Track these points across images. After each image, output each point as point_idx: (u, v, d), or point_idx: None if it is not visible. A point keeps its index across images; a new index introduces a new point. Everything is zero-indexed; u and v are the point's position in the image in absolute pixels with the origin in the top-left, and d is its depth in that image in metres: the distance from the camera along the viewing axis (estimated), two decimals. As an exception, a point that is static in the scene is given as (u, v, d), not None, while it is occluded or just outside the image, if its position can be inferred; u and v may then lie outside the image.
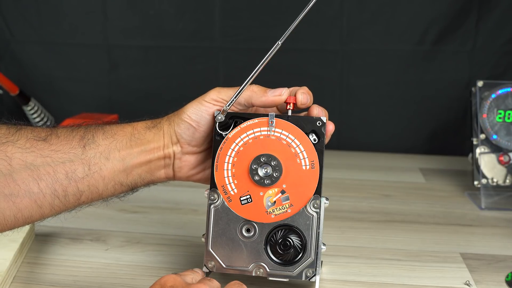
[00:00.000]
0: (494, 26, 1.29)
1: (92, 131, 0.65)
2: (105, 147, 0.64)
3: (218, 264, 0.64)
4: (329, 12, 1.32)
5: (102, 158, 0.63)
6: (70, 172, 0.62)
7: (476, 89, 1.02)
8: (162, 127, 0.67)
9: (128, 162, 0.65)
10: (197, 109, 0.66)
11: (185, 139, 0.66)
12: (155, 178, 0.68)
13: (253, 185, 0.63)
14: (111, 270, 0.72)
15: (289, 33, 0.64)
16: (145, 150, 0.66)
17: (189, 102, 0.67)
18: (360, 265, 0.75)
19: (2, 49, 1.42)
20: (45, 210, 0.62)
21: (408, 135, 1.38)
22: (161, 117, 0.69)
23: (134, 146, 0.65)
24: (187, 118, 0.66)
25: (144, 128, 0.67)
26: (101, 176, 0.64)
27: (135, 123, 0.68)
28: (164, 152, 0.66)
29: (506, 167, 1.01)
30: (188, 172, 0.68)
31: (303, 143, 0.63)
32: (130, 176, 0.66)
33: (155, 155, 0.66)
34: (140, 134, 0.66)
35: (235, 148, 0.64)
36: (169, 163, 0.67)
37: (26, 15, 1.39)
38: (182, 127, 0.66)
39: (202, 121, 0.66)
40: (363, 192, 1.07)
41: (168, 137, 0.66)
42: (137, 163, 0.65)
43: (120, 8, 1.36)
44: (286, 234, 0.63)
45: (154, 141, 0.66)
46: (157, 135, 0.66)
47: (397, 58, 1.34)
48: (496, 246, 0.82)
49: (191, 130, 0.66)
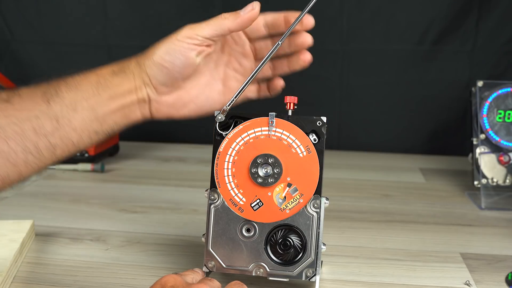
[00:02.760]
0: (494, 26, 1.29)
1: (54, 86, 0.62)
2: (70, 99, 0.62)
3: (218, 264, 0.64)
4: (329, 12, 1.33)
5: (69, 111, 0.61)
6: (38, 128, 0.60)
7: (476, 89, 1.02)
8: (132, 71, 0.64)
9: (98, 111, 0.63)
10: (170, 50, 0.63)
11: (158, 81, 0.64)
12: (132, 121, 0.66)
13: (259, 188, 0.63)
14: (111, 270, 0.72)
15: (288, 33, 0.64)
16: (115, 95, 0.63)
17: (159, 42, 0.64)
18: (360, 265, 0.75)
19: (2, 49, 1.42)
20: (21, 167, 0.60)
21: (408, 135, 1.39)
22: (128, 59, 0.65)
23: (102, 92, 0.63)
24: (160, 60, 0.63)
25: (110, 74, 0.64)
26: (72, 128, 0.62)
27: (99, 70, 0.65)
28: (137, 96, 0.64)
29: (506, 167, 1.01)
30: (168, 112, 0.67)
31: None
32: (105, 124, 0.64)
33: (128, 100, 0.64)
34: (106, 81, 0.63)
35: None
36: (145, 106, 0.65)
37: (26, 15, 1.39)
38: (154, 69, 0.63)
39: (177, 61, 0.63)
40: (363, 192, 1.07)
41: (139, 79, 0.64)
42: (109, 111, 0.63)
43: (120, 8, 1.36)
44: (286, 234, 0.63)
45: (123, 85, 0.64)
46: (125, 79, 0.64)
47: (397, 58, 1.34)
48: (496, 246, 0.82)
49: (165, 71, 0.63)
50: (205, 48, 0.64)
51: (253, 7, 0.64)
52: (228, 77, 0.70)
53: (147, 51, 0.64)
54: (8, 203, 0.98)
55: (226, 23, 0.63)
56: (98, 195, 1.04)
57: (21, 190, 1.05)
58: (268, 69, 0.71)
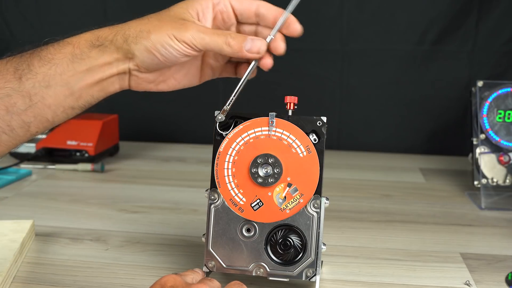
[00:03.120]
0: (494, 26, 1.29)
1: (27, 60, 0.59)
2: (43, 75, 0.59)
3: (218, 264, 0.64)
4: (329, 12, 1.32)
5: (42, 87, 0.59)
6: (10, 106, 0.58)
7: (476, 89, 1.02)
8: (115, 44, 0.60)
9: (74, 85, 0.60)
10: (166, 44, 0.60)
11: (145, 65, 0.61)
12: (109, 93, 0.63)
13: (259, 188, 0.63)
14: (111, 270, 0.72)
15: (278, 27, 0.63)
16: (92, 69, 0.60)
17: (153, 22, 0.61)
18: (360, 265, 0.75)
19: (2, 49, 1.41)
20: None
21: (408, 135, 1.39)
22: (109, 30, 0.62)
23: (78, 66, 0.60)
24: (153, 48, 0.60)
25: (88, 46, 0.60)
26: (45, 105, 0.59)
27: (76, 40, 0.61)
28: (118, 68, 0.61)
29: (506, 167, 1.01)
30: (147, 86, 0.65)
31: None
32: (81, 99, 0.61)
33: (106, 72, 0.61)
34: (83, 53, 0.60)
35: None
36: (125, 78, 0.63)
37: (26, 15, 1.39)
38: (144, 54, 0.60)
39: (170, 57, 0.61)
40: (363, 192, 1.07)
41: (122, 53, 0.61)
42: (85, 85, 0.61)
43: (120, 8, 1.36)
44: (286, 234, 0.63)
45: (102, 58, 0.60)
46: (106, 52, 0.60)
47: (397, 58, 1.34)
48: (496, 246, 0.82)
49: (155, 61, 0.61)
50: (196, 54, 0.62)
51: (260, 51, 0.62)
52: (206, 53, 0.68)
53: (138, 30, 0.61)
54: (8, 203, 0.98)
55: (227, 50, 0.61)
56: (98, 195, 1.04)
57: (21, 190, 1.05)
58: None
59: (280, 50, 0.64)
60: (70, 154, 1.21)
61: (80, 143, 1.20)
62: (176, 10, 0.63)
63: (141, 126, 1.46)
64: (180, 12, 0.62)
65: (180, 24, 0.61)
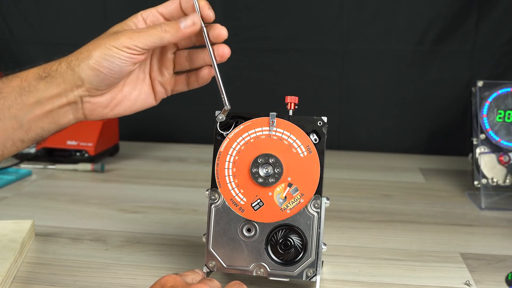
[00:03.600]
0: (494, 26, 1.29)
1: None
2: None
3: (218, 263, 0.64)
4: (329, 12, 1.33)
5: None
6: None
7: (476, 89, 1.02)
8: (60, 74, 0.61)
9: (23, 118, 0.60)
10: (107, 56, 0.60)
11: (93, 85, 0.61)
12: (63, 125, 0.63)
13: (260, 188, 0.63)
14: (111, 270, 0.72)
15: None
16: (40, 101, 0.60)
17: (93, 43, 0.61)
18: (360, 265, 0.75)
19: (2, 49, 1.42)
20: None
21: (408, 135, 1.39)
22: (55, 61, 0.62)
23: (26, 100, 0.60)
24: (96, 65, 0.60)
25: (36, 79, 0.61)
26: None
27: (24, 73, 0.61)
28: (68, 98, 0.61)
29: (506, 167, 1.01)
30: (102, 112, 0.64)
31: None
32: (31, 131, 0.61)
33: (56, 104, 0.61)
34: (30, 86, 0.60)
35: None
36: (77, 107, 0.62)
37: (26, 15, 1.39)
38: (89, 73, 0.60)
39: (115, 68, 0.60)
40: (363, 192, 1.07)
41: (70, 83, 0.61)
42: (34, 117, 0.60)
43: (120, 8, 1.36)
44: (287, 234, 0.63)
45: (50, 90, 0.60)
46: (52, 83, 0.60)
47: (397, 58, 1.34)
48: (496, 246, 0.82)
49: (101, 76, 0.60)
50: (141, 57, 0.62)
51: (195, 21, 0.62)
52: (152, 69, 0.68)
53: (79, 53, 0.62)
54: (8, 203, 0.98)
55: (167, 37, 0.61)
56: (98, 195, 1.04)
57: (21, 190, 1.05)
58: (185, 62, 0.68)
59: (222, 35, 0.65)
60: (70, 154, 1.21)
61: (80, 143, 1.20)
62: (113, 28, 0.64)
63: (141, 126, 1.46)
64: (115, 29, 0.63)
65: (116, 34, 0.61)
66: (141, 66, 0.68)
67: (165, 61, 0.68)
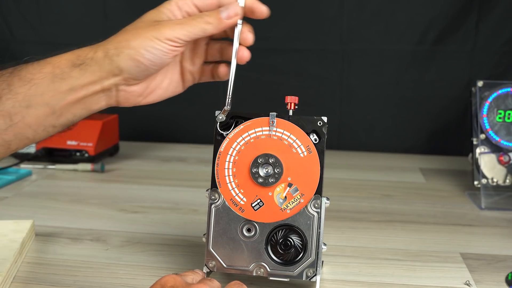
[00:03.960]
0: (494, 26, 1.29)
1: (7, 79, 0.59)
2: (23, 94, 0.58)
3: (218, 263, 0.64)
4: (329, 12, 1.32)
5: (22, 107, 0.58)
6: None
7: (476, 89, 1.02)
8: (97, 62, 0.60)
9: (55, 105, 0.59)
10: (149, 47, 0.59)
11: (132, 75, 0.61)
12: (94, 111, 0.63)
13: (260, 188, 0.63)
14: (111, 270, 0.72)
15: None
16: (74, 88, 0.59)
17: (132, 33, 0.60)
18: (360, 265, 0.75)
19: (2, 49, 1.42)
20: None
21: (408, 135, 1.39)
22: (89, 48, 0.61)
23: (59, 86, 0.59)
24: (137, 55, 0.59)
25: (69, 66, 0.60)
26: (26, 124, 0.59)
27: (56, 59, 0.60)
28: (102, 85, 0.60)
29: (506, 167, 1.01)
30: (136, 100, 0.64)
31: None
32: (62, 117, 0.60)
33: (90, 90, 0.60)
34: (64, 73, 0.59)
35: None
36: (111, 94, 0.62)
37: (26, 15, 1.39)
38: (130, 63, 0.59)
39: (157, 60, 0.60)
40: (363, 192, 1.07)
41: (106, 71, 0.60)
42: (67, 104, 0.60)
43: (120, 8, 1.36)
44: (287, 234, 0.63)
45: (85, 77, 0.59)
46: (87, 71, 0.59)
47: (397, 58, 1.34)
48: (496, 246, 0.82)
49: (142, 67, 0.60)
50: (182, 49, 0.62)
51: (237, 12, 0.62)
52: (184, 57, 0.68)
53: (117, 42, 0.60)
54: (8, 203, 0.98)
55: (209, 28, 0.61)
56: (98, 195, 1.04)
57: (21, 190, 1.05)
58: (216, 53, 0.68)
59: (249, 41, 0.65)
60: (70, 154, 1.21)
61: (80, 143, 1.20)
62: (148, 16, 0.63)
63: (141, 126, 1.46)
64: (152, 16, 0.62)
65: (157, 24, 0.60)
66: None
67: (198, 51, 0.67)
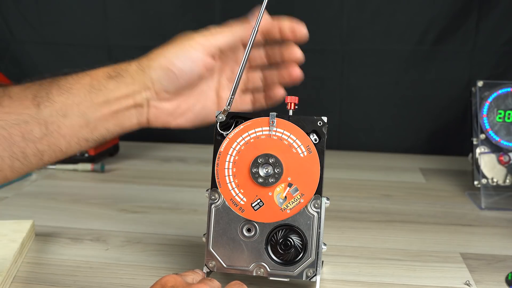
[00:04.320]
0: (494, 26, 1.29)
1: (46, 88, 0.60)
2: (61, 103, 0.59)
3: (218, 263, 0.64)
4: (329, 12, 1.33)
5: (59, 116, 0.59)
6: (26, 133, 0.58)
7: (476, 89, 1.02)
8: (130, 74, 0.61)
9: (90, 116, 0.60)
10: (181, 55, 0.60)
11: (163, 86, 0.62)
12: (126, 128, 0.64)
13: (260, 188, 0.63)
14: (111, 270, 0.72)
15: (261, 17, 0.63)
16: (108, 100, 0.61)
17: (166, 45, 0.62)
18: (360, 265, 0.75)
19: (2, 49, 1.42)
20: (6, 172, 0.59)
21: (408, 135, 1.39)
22: (125, 62, 0.63)
23: (95, 98, 0.60)
24: (169, 63, 0.60)
25: (106, 78, 0.61)
26: (61, 135, 0.60)
27: (94, 72, 0.62)
28: (135, 100, 0.62)
29: (506, 167, 1.01)
30: (166, 120, 0.65)
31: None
32: (96, 131, 0.61)
33: (123, 104, 0.61)
34: (100, 84, 0.61)
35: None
36: (143, 111, 0.63)
37: (26, 15, 1.39)
38: (160, 73, 0.61)
39: (186, 68, 0.61)
40: (363, 192, 1.07)
41: (139, 84, 0.61)
42: (101, 116, 0.61)
43: (120, 8, 1.36)
44: (287, 234, 0.63)
45: (119, 90, 0.61)
46: (122, 83, 0.61)
47: (397, 58, 1.34)
48: (496, 246, 0.82)
49: (172, 76, 0.61)
50: (212, 61, 0.63)
51: (261, 14, 0.63)
52: (221, 86, 0.69)
53: (151, 54, 0.62)
54: (8, 203, 0.98)
55: (238, 30, 0.62)
56: (98, 195, 1.04)
57: (21, 190, 1.05)
58: (258, 80, 0.69)
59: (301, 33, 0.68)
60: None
61: (80, 143, 1.20)
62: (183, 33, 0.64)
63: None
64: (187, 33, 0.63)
65: (190, 35, 0.62)
66: (209, 82, 0.67)
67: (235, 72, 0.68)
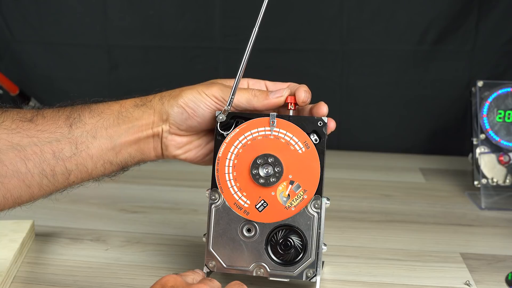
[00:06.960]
0: (494, 26, 1.29)
1: (78, 110, 0.64)
2: (91, 125, 0.64)
3: (219, 264, 0.64)
4: (329, 12, 1.32)
5: (89, 137, 0.63)
6: (57, 152, 0.62)
7: (476, 89, 1.02)
8: (153, 105, 0.66)
9: (116, 140, 0.65)
10: (195, 99, 0.65)
11: (176, 122, 0.66)
12: (146, 157, 0.68)
13: (262, 189, 0.63)
14: (111, 270, 0.72)
15: (261, 17, 0.65)
16: (132, 127, 0.65)
17: (188, 87, 0.67)
18: (360, 265, 0.75)
19: (2, 49, 1.41)
20: (34, 190, 0.62)
21: (408, 135, 1.39)
22: (152, 95, 0.68)
23: (122, 123, 0.65)
24: (183, 104, 0.65)
25: (132, 106, 0.66)
26: (88, 155, 0.64)
27: (123, 101, 0.67)
28: (153, 130, 0.66)
29: (506, 167, 1.01)
30: (174, 151, 0.68)
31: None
32: (120, 155, 0.66)
33: (144, 133, 0.66)
34: (127, 112, 0.66)
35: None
36: (158, 141, 0.67)
37: (26, 15, 1.39)
38: (175, 110, 0.65)
39: (199, 111, 0.65)
40: (363, 192, 1.07)
41: (158, 115, 0.66)
42: (125, 142, 0.65)
43: (120, 8, 1.36)
44: (287, 234, 0.63)
45: (143, 118, 0.66)
46: (146, 113, 0.66)
47: (397, 58, 1.34)
48: (496, 246, 0.82)
49: (185, 115, 0.65)
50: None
51: (283, 94, 0.66)
52: None
53: (174, 91, 0.67)
54: (8, 203, 0.98)
55: (254, 100, 0.65)
56: (98, 195, 1.04)
57: (21, 190, 1.05)
58: None
59: (322, 110, 0.70)
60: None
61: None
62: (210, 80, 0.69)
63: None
64: (212, 80, 0.68)
65: (211, 83, 0.67)
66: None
67: None
